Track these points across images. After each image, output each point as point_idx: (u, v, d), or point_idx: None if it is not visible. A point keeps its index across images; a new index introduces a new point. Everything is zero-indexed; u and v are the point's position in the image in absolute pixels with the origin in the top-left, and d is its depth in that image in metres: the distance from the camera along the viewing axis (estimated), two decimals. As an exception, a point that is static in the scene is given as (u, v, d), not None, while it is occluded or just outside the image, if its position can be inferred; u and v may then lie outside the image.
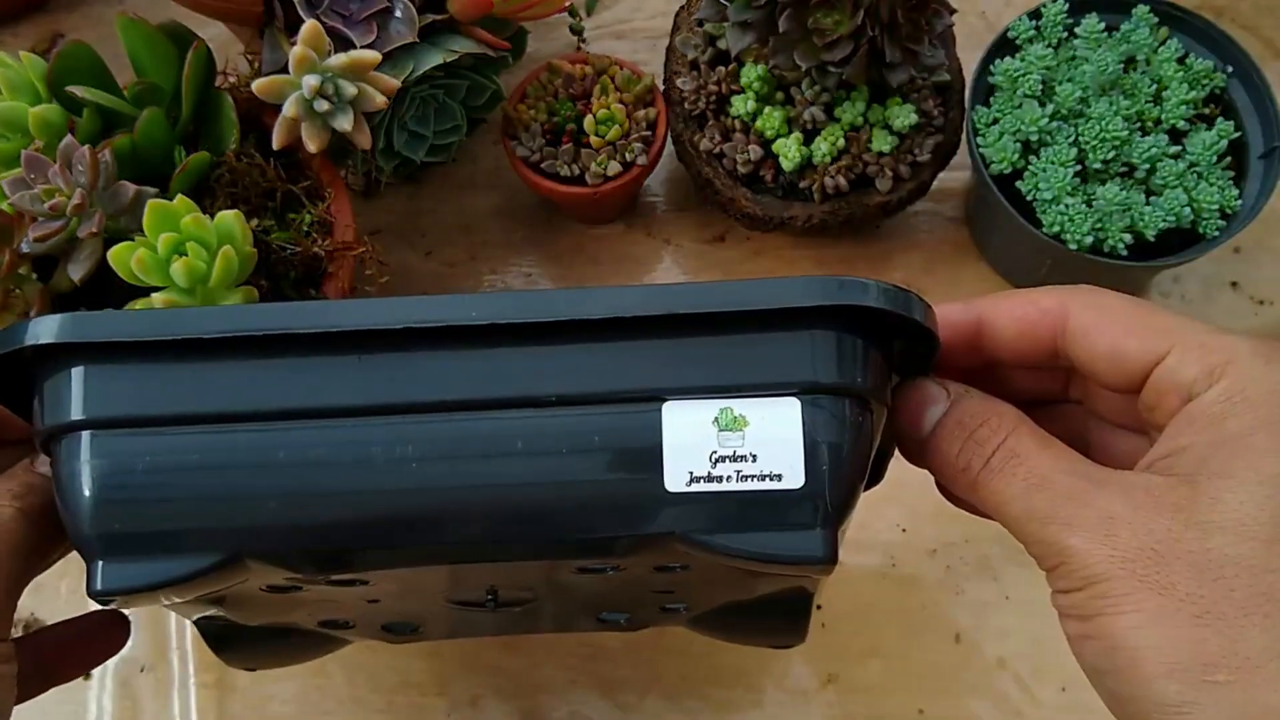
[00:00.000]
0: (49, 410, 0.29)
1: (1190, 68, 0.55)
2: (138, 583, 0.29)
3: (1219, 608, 0.25)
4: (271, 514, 0.29)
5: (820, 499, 0.28)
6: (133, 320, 0.29)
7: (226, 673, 0.53)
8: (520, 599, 0.39)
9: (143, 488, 0.29)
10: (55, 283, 0.46)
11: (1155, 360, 0.28)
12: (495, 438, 0.29)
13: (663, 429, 0.28)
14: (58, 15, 0.68)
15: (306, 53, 0.46)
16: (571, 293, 0.29)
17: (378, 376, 0.29)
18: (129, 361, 0.29)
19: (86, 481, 0.28)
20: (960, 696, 0.52)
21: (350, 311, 0.29)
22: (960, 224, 0.62)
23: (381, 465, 0.28)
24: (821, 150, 0.54)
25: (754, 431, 0.28)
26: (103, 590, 0.29)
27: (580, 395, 0.29)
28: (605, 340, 0.29)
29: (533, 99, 0.57)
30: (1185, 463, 0.27)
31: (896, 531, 0.55)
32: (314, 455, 0.29)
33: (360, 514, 0.29)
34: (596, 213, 0.62)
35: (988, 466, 0.29)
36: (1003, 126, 0.54)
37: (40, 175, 0.44)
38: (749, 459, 0.28)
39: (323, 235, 0.50)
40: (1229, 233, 0.52)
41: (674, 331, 0.29)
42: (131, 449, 0.29)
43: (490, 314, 0.29)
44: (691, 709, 0.53)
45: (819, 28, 0.49)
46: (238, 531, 0.29)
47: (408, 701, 0.53)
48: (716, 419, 0.28)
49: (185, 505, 0.29)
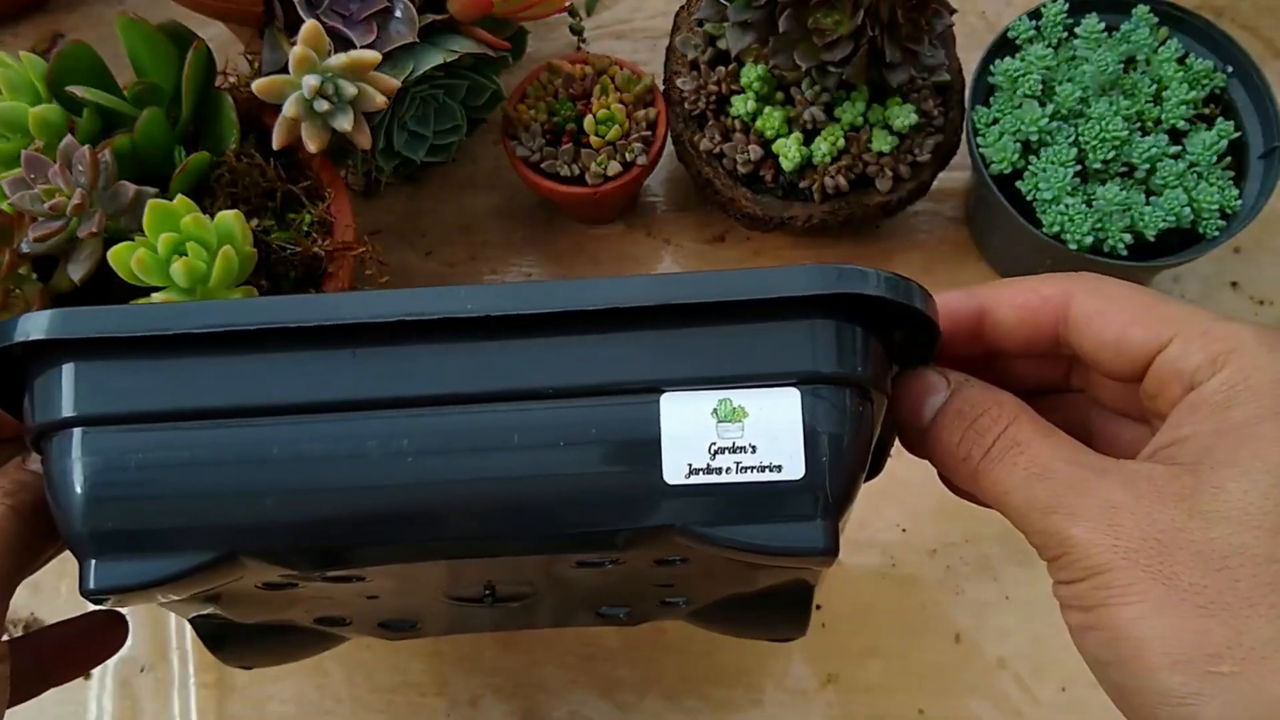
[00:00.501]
0: (39, 407, 0.29)
1: (1190, 68, 0.55)
2: (131, 581, 0.28)
3: (1223, 598, 0.25)
4: (266, 511, 0.28)
5: (820, 490, 0.28)
6: (123, 316, 0.29)
7: (226, 673, 0.53)
8: (519, 594, 0.39)
9: (135, 485, 0.28)
10: (55, 283, 0.46)
11: (1158, 348, 0.28)
12: (491, 431, 0.28)
13: (661, 420, 0.28)
14: (58, 15, 0.68)
15: (306, 53, 0.46)
16: (568, 284, 0.29)
17: (372, 370, 0.29)
18: (120, 357, 0.29)
19: (78, 479, 0.28)
20: (960, 696, 0.52)
21: (344, 305, 0.29)
22: (960, 224, 0.62)
23: (377, 460, 0.28)
24: (821, 150, 0.54)
25: (753, 422, 0.28)
26: (95, 589, 0.28)
27: (577, 387, 0.28)
28: (602, 331, 0.29)
29: (533, 99, 0.57)
30: (1188, 452, 0.27)
31: (896, 531, 0.55)
32: (308, 451, 0.28)
33: (355, 510, 0.29)
34: (596, 213, 0.62)
35: (988, 456, 0.29)
36: (1003, 126, 0.54)
37: (40, 175, 0.44)
38: (748, 450, 0.28)
39: (323, 235, 0.50)
40: (1229, 233, 0.52)
41: (671, 322, 0.28)
42: (123, 446, 0.28)
43: (486, 306, 0.28)
44: (691, 709, 0.53)
45: (819, 28, 0.49)
46: (232, 529, 0.28)
47: (407, 701, 0.53)
48: (715, 410, 0.28)
49: (178, 502, 0.28)
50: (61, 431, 0.29)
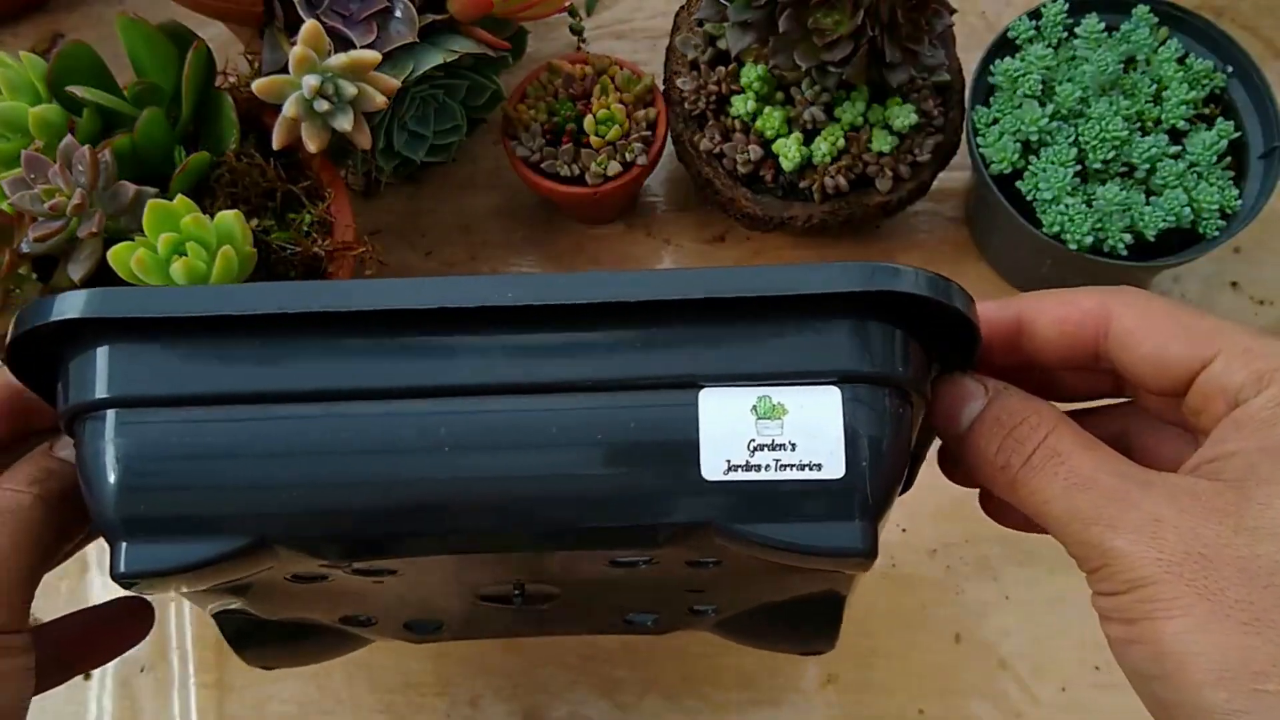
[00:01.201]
0: (74, 389, 0.29)
1: (1190, 68, 0.55)
2: (163, 566, 0.28)
3: (1269, 615, 0.24)
4: (300, 498, 0.28)
5: (860, 490, 0.28)
6: (162, 297, 0.28)
7: (226, 673, 0.53)
8: (547, 594, 0.39)
9: (169, 469, 0.28)
10: (55, 283, 0.46)
11: (1200, 365, 0.28)
12: (530, 423, 0.28)
13: (700, 417, 0.28)
14: (58, 15, 0.68)
15: (306, 53, 0.46)
16: (608, 275, 0.28)
17: (410, 358, 0.28)
18: (156, 339, 0.28)
19: (111, 462, 0.28)
20: (960, 696, 0.52)
21: (384, 292, 0.28)
22: (960, 224, 0.62)
23: (413, 450, 0.28)
24: (821, 150, 0.54)
25: (793, 420, 0.28)
26: (126, 573, 0.28)
27: (615, 381, 0.28)
28: (640, 325, 0.28)
29: (533, 99, 0.57)
30: (1233, 468, 0.26)
31: (896, 531, 0.55)
32: (344, 438, 0.28)
33: (391, 500, 0.28)
34: (596, 213, 0.62)
35: (1028, 464, 0.28)
36: (1003, 126, 0.54)
37: (40, 175, 0.44)
38: (788, 448, 0.28)
39: (323, 235, 0.50)
40: (1229, 233, 0.52)
41: (710, 317, 0.28)
42: (159, 428, 0.28)
43: (528, 296, 0.28)
44: (691, 709, 0.53)
45: (819, 28, 0.49)
46: (265, 515, 0.28)
47: (407, 701, 0.53)
48: (755, 407, 0.28)
49: (212, 487, 0.28)
50: (95, 413, 0.28)
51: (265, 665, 0.45)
